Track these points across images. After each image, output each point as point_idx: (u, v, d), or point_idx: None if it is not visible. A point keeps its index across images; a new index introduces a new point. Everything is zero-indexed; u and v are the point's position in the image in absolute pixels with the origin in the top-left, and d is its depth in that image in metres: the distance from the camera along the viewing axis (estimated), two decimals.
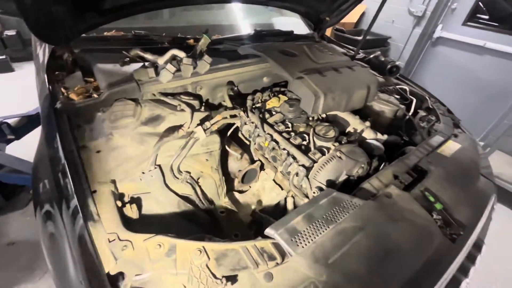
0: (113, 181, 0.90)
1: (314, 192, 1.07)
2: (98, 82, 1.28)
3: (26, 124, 2.15)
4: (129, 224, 0.89)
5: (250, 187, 1.56)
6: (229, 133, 1.48)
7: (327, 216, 0.90)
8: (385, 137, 1.40)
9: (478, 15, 3.48)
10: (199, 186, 1.22)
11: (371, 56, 2.13)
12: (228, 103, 1.38)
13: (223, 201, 1.37)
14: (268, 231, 0.83)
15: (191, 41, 1.70)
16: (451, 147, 1.44)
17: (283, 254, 0.79)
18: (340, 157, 1.16)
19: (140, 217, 0.97)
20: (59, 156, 0.91)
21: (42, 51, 1.47)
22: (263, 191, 1.49)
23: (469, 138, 1.57)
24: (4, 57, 4.28)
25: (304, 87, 1.33)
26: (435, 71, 4.16)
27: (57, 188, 0.86)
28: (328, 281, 0.75)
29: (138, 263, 0.71)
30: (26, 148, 1.88)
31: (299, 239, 0.82)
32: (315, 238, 0.83)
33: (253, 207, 1.44)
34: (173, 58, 1.34)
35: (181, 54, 1.35)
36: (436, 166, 1.27)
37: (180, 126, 1.16)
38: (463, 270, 1.01)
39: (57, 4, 1.10)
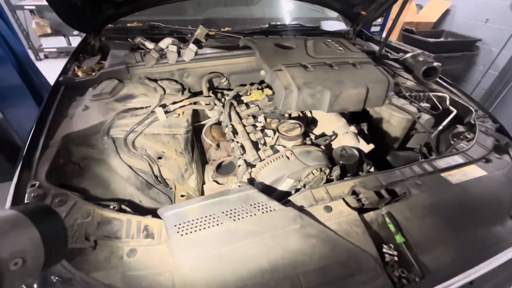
0: (65, 141, 1.05)
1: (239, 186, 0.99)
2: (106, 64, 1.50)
3: None
4: (66, 179, 1.04)
5: (227, 179, 1.53)
6: (210, 122, 1.50)
7: (228, 212, 0.82)
8: (370, 146, 1.16)
9: None
10: (157, 165, 1.28)
11: (408, 55, 1.78)
12: (204, 91, 1.39)
13: (188, 186, 1.41)
14: (159, 210, 0.83)
15: (212, 32, 1.79)
16: (468, 173, 1.08)
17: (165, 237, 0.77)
18: (288, 157, 1.03)
19: (86, 178, 1.11)
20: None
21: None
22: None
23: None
24: None
25: (278, 80, 1.23)
26: None
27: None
28: (187, 275, 0.69)
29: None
30: None
31: (184, 227, 0.78)
32: (199, 230, 0.77)
33: None
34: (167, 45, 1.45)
35: (175, 42, 1.46)
36: (424, 191, 0.98)
37: (146, 107, 1.25)
38: None
39: None
